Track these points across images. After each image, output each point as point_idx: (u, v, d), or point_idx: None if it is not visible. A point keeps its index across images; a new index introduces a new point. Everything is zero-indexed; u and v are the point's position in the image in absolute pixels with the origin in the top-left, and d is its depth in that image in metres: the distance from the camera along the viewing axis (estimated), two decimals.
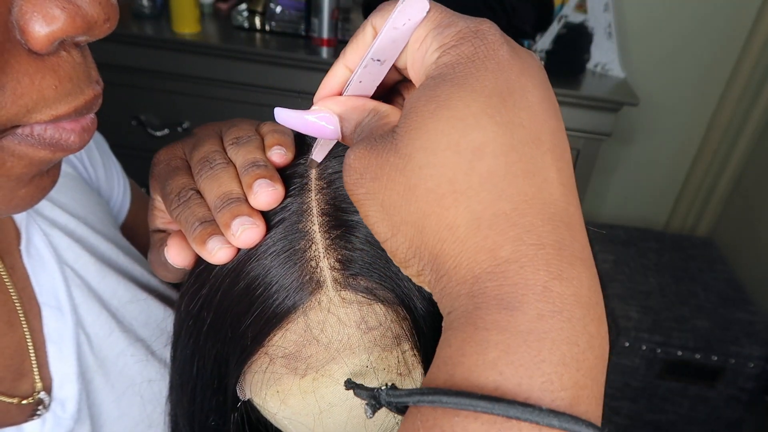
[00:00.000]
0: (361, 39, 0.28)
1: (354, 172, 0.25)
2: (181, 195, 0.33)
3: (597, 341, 0.22)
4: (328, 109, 0.29)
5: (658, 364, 1.44)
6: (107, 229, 0.52)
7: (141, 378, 0.48)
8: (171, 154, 0.37)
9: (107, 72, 0.69)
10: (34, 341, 0.42)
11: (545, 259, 0.22)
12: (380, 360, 0.30)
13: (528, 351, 0.20)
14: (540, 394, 0.20)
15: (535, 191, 0.23)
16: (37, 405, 0.41)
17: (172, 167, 0.36)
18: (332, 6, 1.37)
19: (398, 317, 0.30)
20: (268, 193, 0.31)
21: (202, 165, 0.33)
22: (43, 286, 0.43)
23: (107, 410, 0.45)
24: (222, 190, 0.32)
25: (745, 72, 1.67)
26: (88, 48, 0.29)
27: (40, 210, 0.46)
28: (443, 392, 0.20)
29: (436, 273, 0.24)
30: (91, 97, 0.29)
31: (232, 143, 0.34)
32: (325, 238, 0.30)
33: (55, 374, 0.42)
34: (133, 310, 0.49)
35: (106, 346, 0.46)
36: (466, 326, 0.21)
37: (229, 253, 0.31)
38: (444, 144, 0.23)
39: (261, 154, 0.33)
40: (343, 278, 0.30)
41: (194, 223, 0.32)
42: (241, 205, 0.31)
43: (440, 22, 0.25)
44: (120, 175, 0.60)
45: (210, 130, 0.38)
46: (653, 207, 1.98)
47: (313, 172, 0.32)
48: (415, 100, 0.24)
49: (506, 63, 0.24)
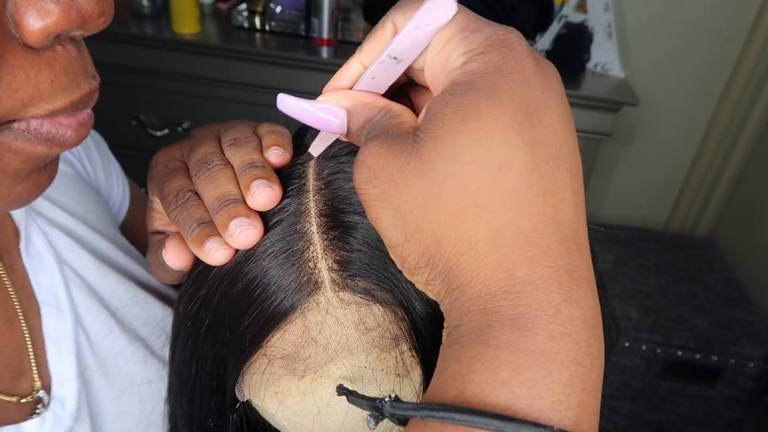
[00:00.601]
0: (380, 35, 0.27)
1: (368, 170, 0.24)
2: (179, 196, 0.33)
3: (598, 361, 0.22)
4: (336, 101, 0.28)
5: (658, 364, 1.44)
6: (107, 228, 0.52)
7: (140, 377, 0.48)
8: (169, 155, 0.37)
9: (107, 72, 0.70)
10: (33, 340, 0.42)
11: (558, 281, 0.22)
12: (378, 361, 0.30)
13: (539, 371, 0.21)
14: (550, 413, 0.20)
15: (552, 211, 0.23)
16: (36, 404, 0.41)
17: (170, 169, 0.36)
18: (332, 6, 1.37)
19: (396, 318, 0.30)
20: (265, 194, 0.30)
21: (199, 166, 0.33)
22: (42, 285, 0.44)
23: (107, 409, 0.45)
24: (219, 191, 0.31)
25: (745, 72, 1.67)
26: (84, 42, 0.29)
27: (40, 209, 0.46)
28: (455, 409, 0.20)
29: (448, 285, 0.23)
30: (87, 91, 0.29)
31: (229, 144, 0.34)
32: (323, 239, 0.30)
33: (55, 373, 0.42)
34: (132, 309, 0.49)
35: (105, 345, 0.46)
36: (477, 343, 0.22)
37: (227, 254, 0.31)
38: (470, 156, 0.22)
39: (258, 154, 0.33)
40: (341, 279, 0.30)
41: (192, 225, 0.32)
42: (239, 206, 0.31)
43: (466, 26, 0.25)
44: (119, 175, 0.60)
45: (208, 131, 0.38)
46: (653, 207, 1.98)
47: (311, 172, 0.32)
48: (443, 106, 0.23)
49: (532, 77, 0.24)
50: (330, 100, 0.28)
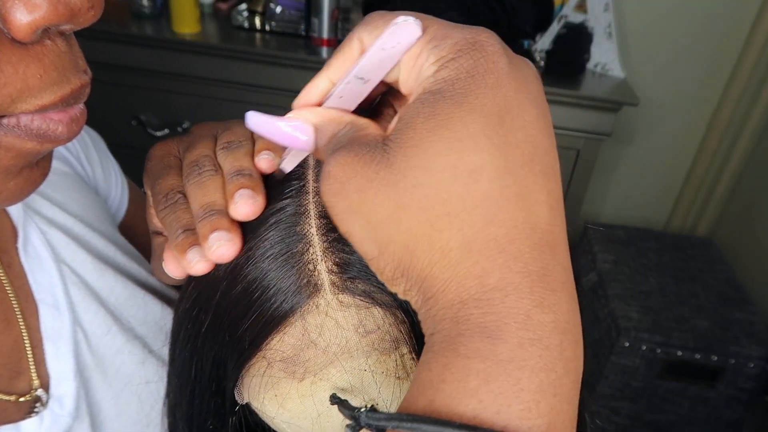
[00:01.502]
0: (348, 52, 0.27)
1: (335, 180, 0.24)
2: (169, 197, 0.33)
3: (573, 364, 0.22)
4: (304, 118, 0.28)
5: (658, 364, 1.44)
6: (105, 227, 0.52)
7: (138, 376, 0.48)
8: (165, 150, 0.38)
9: (107, 72, 0.69)
10: (31, 339, 0.42)
11: (529, 287, 0.22)
12: (378, 364, 0.30)
13: (507, 379, 0.21)
14: (518, 422, 0.20)
15: (525, 216, 0.22)
16: (35, 402, 0.41)
17: (164, 165, 0.36)
18: (332, 6, 1.37)
19: (396, 320, 0.30)
20: (247, 205, 0.30)
21: (191, 169, 0.34)
22: (40, 284, 0.44)
23: (106, 408, 0.45)
24: (205, 200, 0.31)
25: (745, 72, 1.67)
26: (74, 36, 0.29)
27: (38, 208, 0.46)
28: (423, 419, 0.20)
29: (424, 294, 0.23)
30: (78, 86, 0.29)
31: (222, 147, 0.34)
32: (323, 241, 0.30)
33: (53, 372, 0.42)
34: (131, 307, 0.49)
35: (103, 343, 0.46)
36: (447, 351, 0.22)
37: (206, 266, 0.31)
38: (441, 165, 0.22)
39: (248, 161, 0.33)
40: (341, 281, 0.30)
41: (177, 230, 0.32)
42: (221, 218, 0.31)
43: (435, 34, 0.25)
44: (118, 174, 0.60)
45: (206, 130, 0.38)
46: (653, 207, 1.98)
47: (310, 174, 0.32)
48: (414, 115, 0.23)
49: (505, 77, 0.23)
50: (298, 116, 0.28)
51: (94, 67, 0.31)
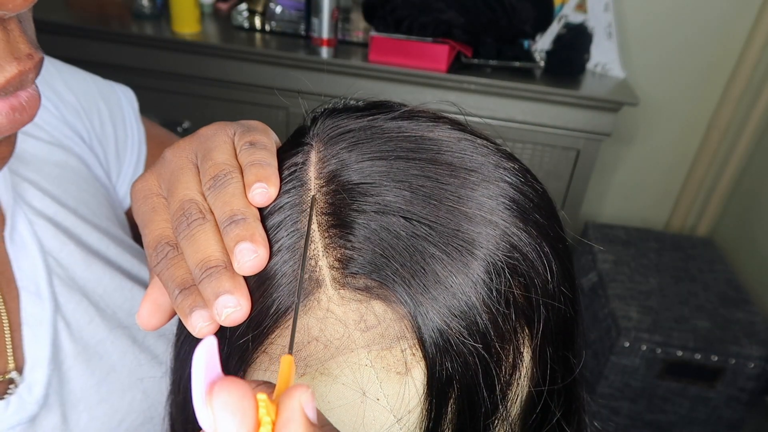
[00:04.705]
0: None
1: None
2: (159, 251, 0.30)
3: None
4: None
5: (658, 364, 1.44)
6: (99, 220, 0.53)
7: (122, 365, 0.48)
8: (147, 190, 0.33)
9: (108, 72, 0.70)
10: (11, 323, 0.43)
11: None
12: (379, 359, 0.30)
13: None
14: None
15: None
16: (9, 384, 0.42)
17: (149, 207, 0.32)
18: (332, 6, 1.37)
19: (397, 316, 0.30)
20: (251, 260, 0.28)
21: (178, 220, 0.30)
22: (23, 271, 0.44)
23: (87, 396, 0.46)
24: (199, 257, 0.28)
25: (745, 72, 1.67)
26: (16, 21, 0.27)
27: (28, 199, 0.47)
28: None
29: None
30: (14, 74, 0.27)
31: (209, 187, 0.31)
32: (324, 237, 0.30)
33: (29, 357, 0.43)
34: (117, 299, 0.50)
35: (87, 333, 0.47)
36: None
37: (213, 328, 0.29)
38: None
39: (240, 200, 0.30)
40: (342, 277, 0.30)
41: (174, 290, 0.29)
42: (221, 277, 0.28)
43: None
44: (135, 147, 0.62)
45: (184, 156, 0.33)
46: (653, 207, 1.98)
47: (311, 170, 0.32)
48: None
49: None
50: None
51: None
